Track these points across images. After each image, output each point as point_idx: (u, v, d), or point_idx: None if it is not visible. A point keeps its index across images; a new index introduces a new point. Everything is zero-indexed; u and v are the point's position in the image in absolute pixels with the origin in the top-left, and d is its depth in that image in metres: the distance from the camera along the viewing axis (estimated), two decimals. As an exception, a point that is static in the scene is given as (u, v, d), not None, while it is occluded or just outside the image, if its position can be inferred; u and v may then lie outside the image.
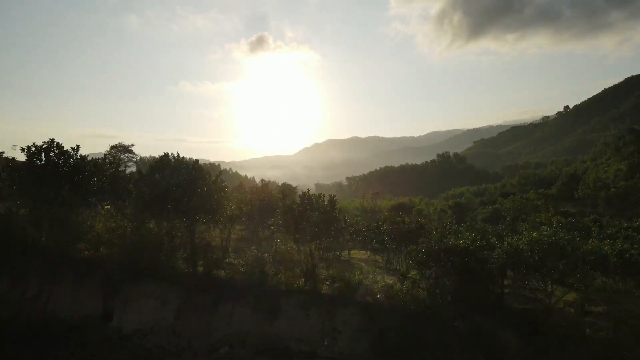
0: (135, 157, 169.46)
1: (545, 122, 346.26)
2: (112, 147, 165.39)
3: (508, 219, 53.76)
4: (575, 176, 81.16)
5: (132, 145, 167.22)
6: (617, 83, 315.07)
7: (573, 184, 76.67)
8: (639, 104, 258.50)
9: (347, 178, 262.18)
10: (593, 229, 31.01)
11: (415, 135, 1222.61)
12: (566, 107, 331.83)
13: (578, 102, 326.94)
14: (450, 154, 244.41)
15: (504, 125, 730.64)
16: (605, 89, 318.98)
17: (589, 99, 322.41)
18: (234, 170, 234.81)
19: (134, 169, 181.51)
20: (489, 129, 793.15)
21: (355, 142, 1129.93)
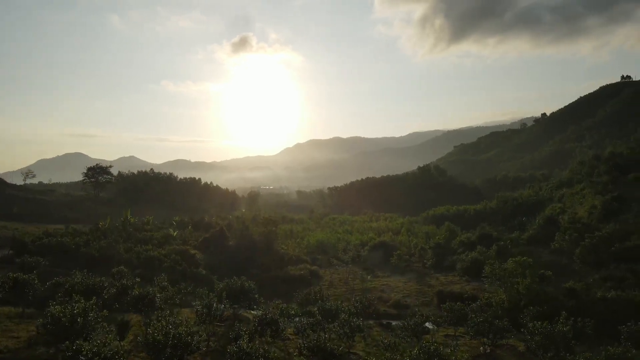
0: (112, 178, 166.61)
1: (523, 129, 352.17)
2: (90, 169, 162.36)
3: (487, 284, 54.51)
4: (552, 219, 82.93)
5: (110, 166, 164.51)
6: (592, 91, 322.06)
7: (550, 227, 78.41)
8: (613, 113, 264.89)
9: (329, 189, 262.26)
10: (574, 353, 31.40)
11: (397, 135, 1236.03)
12: (543, 115, 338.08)
13: (557, 105, 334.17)
14: (431, 165, 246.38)
15: (484, 127, 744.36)
16: (580, 96, 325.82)
17: (565, 106, 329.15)
18: (214, 184, 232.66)
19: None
20: (469, 130, 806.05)
21: (337, 142, 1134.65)
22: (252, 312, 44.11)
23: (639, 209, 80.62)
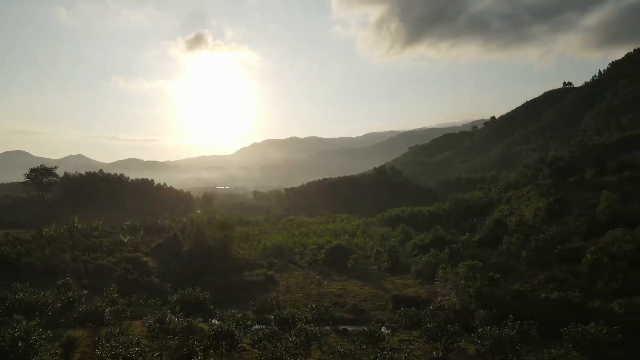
0: (57, 179, 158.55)
1: (474, 132, 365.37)
2: (33, 170, 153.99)
3: (439, 288, 56.09)
4: (500, 222, 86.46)
5: (55, 167, 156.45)
6: (537, 96, 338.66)
7: (498, 230, 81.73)
8: (556, 118, 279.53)
9: (286, 189, 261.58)
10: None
11: (353, 136, 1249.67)
12: (493, 118, 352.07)
13: (508, 107, 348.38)
14: (387, 166, 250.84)
15: (437, 129, 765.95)
16: (526, 101, 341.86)
17: (512, 110, 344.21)
18: (168, 184, 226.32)
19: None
20: (423, 131, 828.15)
21: (294, 142, 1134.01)
22: (210, 321, 43.30)
23: (579, 211, 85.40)
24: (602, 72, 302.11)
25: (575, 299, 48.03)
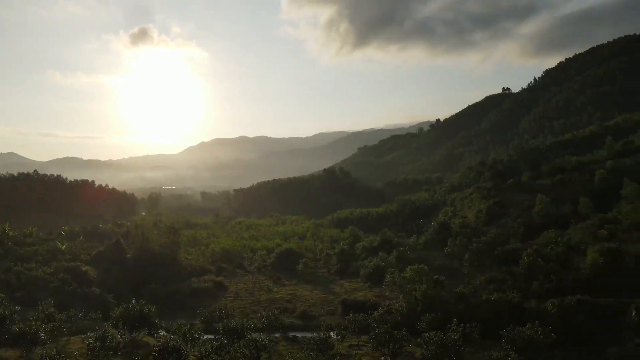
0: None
1: (420, 133, 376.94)
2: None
3: (387, 292, 57.33)
4: (445, 224, 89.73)
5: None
6: (478, 100, 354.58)
7: (443, 232, 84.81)
8: (495, 122, 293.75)
9: (235, 190, 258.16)
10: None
11: (303, 136, 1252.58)
12: (438, 120, 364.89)
13: (453, 109, 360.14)
14: (336, 167, 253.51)
15: (385, 130, 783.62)
16: (469, 105, 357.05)
17: (456, 113, 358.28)
18: (110, 185, 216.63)
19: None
20: (372, 132, 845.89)
21: (243, 141, 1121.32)
22: (157, 333, 41.82)
23: (516, 213, 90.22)
24: (537, 79, 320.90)
25: (513, 300, 50.49)
